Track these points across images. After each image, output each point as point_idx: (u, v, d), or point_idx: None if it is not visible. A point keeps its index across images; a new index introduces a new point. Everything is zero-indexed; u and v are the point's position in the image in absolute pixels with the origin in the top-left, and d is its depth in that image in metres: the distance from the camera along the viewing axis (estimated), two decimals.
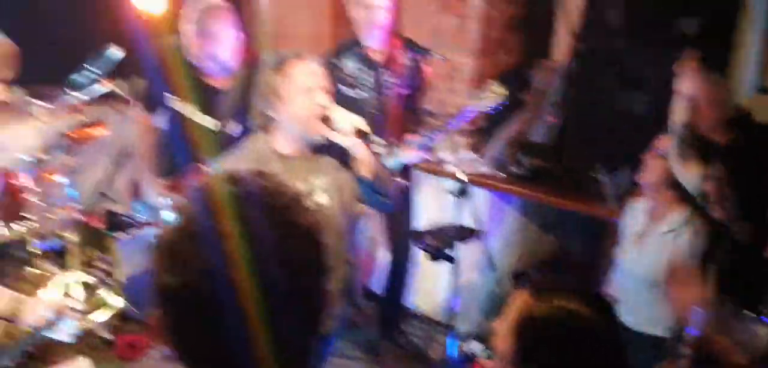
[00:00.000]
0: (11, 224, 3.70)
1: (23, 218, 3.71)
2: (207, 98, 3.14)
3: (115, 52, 3.97)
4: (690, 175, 2.66)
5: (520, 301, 1.46)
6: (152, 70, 3.28)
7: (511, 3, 4.44)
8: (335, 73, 3.14)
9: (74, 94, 3.85)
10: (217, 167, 2.45)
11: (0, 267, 4.02)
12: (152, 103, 3.35)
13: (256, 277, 0.95)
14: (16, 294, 2.08)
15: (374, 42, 3.36)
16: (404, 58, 3.39)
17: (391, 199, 2.52)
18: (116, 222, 4.18)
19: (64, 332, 2.12)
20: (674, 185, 2.76)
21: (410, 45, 3.37)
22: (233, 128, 3.11)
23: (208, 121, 3.16)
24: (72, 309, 2.23)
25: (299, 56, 2.35)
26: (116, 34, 4.34)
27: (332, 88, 2.43)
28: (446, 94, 3.63)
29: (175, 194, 3.25)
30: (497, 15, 4.35)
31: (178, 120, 3.21)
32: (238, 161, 2.33)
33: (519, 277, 3.88)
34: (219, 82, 3.18)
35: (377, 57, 3.40)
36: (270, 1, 4.71)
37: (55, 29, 4.41)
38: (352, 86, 3.32)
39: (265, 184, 1.03)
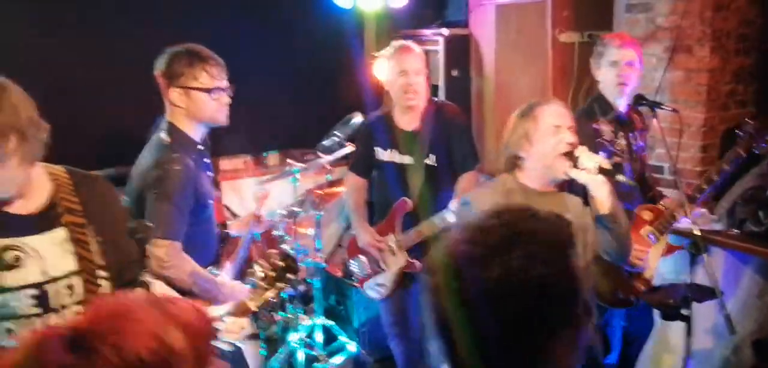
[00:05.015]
0: None
1: None
2: (405, 141, 3.39)
3: (357, 118, 4.35)
4: None
5: None
6: (363, 134, 3.61)
7: (741, 53, 4.14)
8: (596, 141, 3.04)
9: (322, 156, 4.25)
10: (470, 198, 2.55)
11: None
12: (362, 164, 3.61)
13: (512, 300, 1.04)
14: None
15: (623, 103, 3.23)
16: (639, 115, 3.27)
17: (626, 240, 2.48)
18: (351, 272, 4.51)
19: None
20: None
21: (639, 99, 3.23)
22: (432, 161, 3.35)
23: (407, 160, 3.39)
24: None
25: (546, 101, 2.46)
26: (358, 101, 4.80)
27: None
28: (674, 149, 3.43)
29: (384, 235, 3.47)
30: (727, 66, 4.08)
31: (383, 168, 3.48)
32: (489, 196, 2.45)
33: (761, 347, 3.50)
34: (411, 126, 3.39)
35: (626, 118, 3.27)
36: (495, 56, 4.86)
37: (307, 98, 4.91)
38: (610, 153, 3.11)
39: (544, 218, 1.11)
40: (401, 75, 3.30)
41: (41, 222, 1.89)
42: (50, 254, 1.88)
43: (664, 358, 3.71)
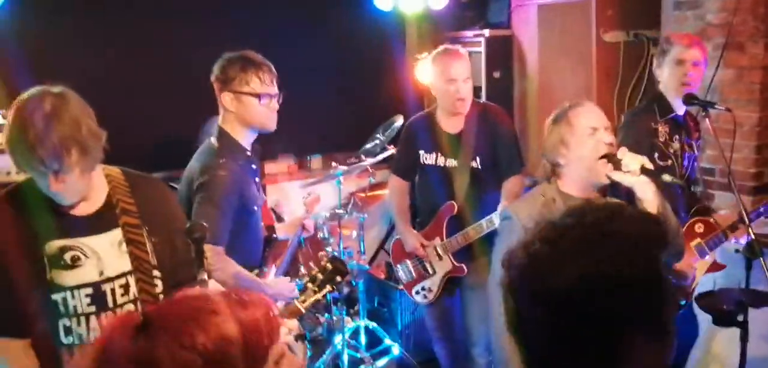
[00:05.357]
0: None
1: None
2: (450, 144, 3.36)
3: (398, 121, 4.35)
4: None
5: None
6: (407, 136, 3.57)
7: None
8: (653, 141, 3.01)
9: (365, 159, 4.25)
10: (510, 211, 2.48)
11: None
12: (405, 166, 3.58)
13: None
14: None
15: (681, 105, 3.12)
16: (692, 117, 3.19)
17: (678, 238, 2.43)
18: (398, 277, 4.50)
19: None
20: None
21: (691, 99, 3.14)
22: (477, 164, 3.31)
23: (452, 163, 3.35)
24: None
25: (579, 103, 2.37)
26: (400, 104, 4.80)
27: (648, 157, 2.40)
28: (727, 150, 3.30)
29: (430, 240, 3.43)
30: None
31: (428, 171, 3.44)
32: (529, 206, 2.38)
33: None
34: (456, 129, 3.35)
35: (682, 121, 3.18)
36: (537, 56, 4.79)
37: (350, 102, 4.93)
38: (664, 156, 3.06)
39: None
40: (449, 83, 3.25)
41: (99, 222, 1.94)
42: (107, 254, 1.93)
43: (715, 364, 3.61)
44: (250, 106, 2.59)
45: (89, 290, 1.91)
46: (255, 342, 1.01)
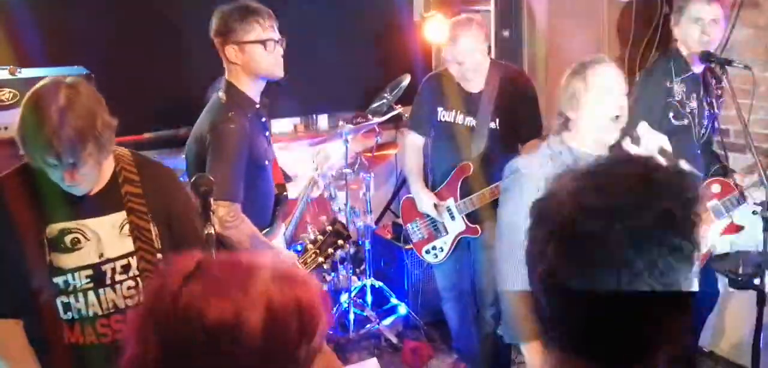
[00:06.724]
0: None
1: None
2: (469, 103, 3.25)
3: (406, 80, 4.22)
4: None
5: None
6: (425, 91, 3.44)
7: None
8: (667, 100, 2.90)
9: (372, 118, 4.13)
10: (517, 165, 2.37)
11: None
12: (423, 122, 3.45)
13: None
14: None
15: (699, 63, 3.00)
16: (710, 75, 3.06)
17: None
18: (402, 235, 4.42)
19: None
20: None
21: (709, 57, 3.00)
22: (496, 125, 3.21)
23: (470, 122, 3.24)
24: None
25: (600, 61, 2.28)
26: (407, 63, 4.66)
27: (662, 117, 2.30)
28: (744, 111, 3.16)
29: (444, 199, 3.32)
30: None
31: (444, 129, 3.32)
32: (538, 160, 2.31)
33: None
34: (476, 88, 3.24)
35: (700, 79, 3.05)
36: (547, 16, 4.64)
37: (357, 61, 4.78)
38: (680, 116, 2.95)
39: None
40: (458, 65, 3.16)
41: (102, 204, 1.91)
42: (108, 236, 1.90)
43: (728, 329, 3.53)
44: (255, 54, 2.51)
45: (89, 272, 1.89)
46: (279, 333, 0.92)
